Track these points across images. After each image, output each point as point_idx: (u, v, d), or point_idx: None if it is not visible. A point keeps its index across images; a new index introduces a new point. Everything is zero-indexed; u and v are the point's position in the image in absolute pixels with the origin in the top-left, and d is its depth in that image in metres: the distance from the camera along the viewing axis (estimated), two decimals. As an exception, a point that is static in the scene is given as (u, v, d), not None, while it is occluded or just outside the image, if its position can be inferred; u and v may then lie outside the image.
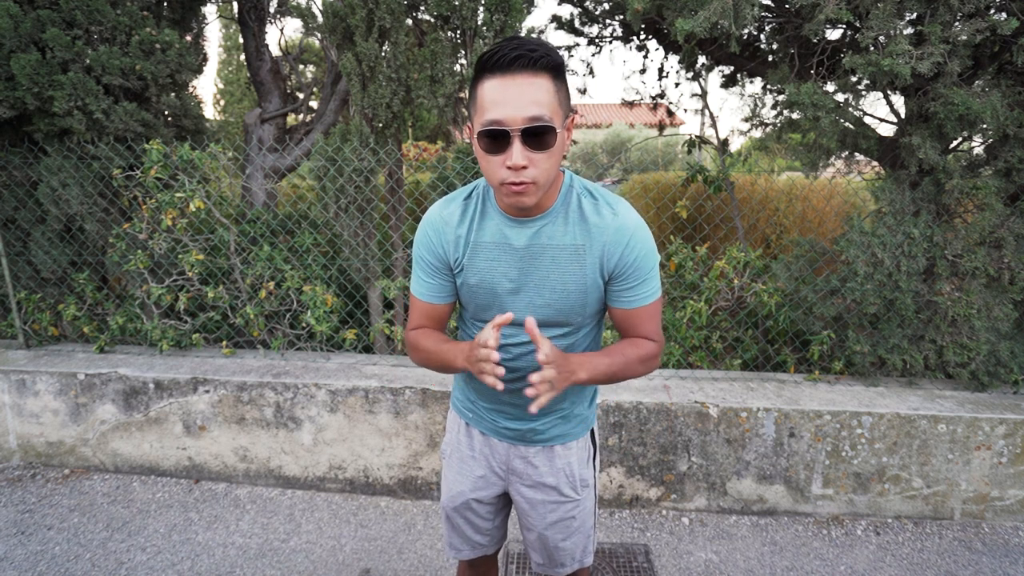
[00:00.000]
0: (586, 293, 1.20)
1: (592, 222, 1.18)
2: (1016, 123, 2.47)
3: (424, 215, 1.29)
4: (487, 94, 1.04)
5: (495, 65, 1.02)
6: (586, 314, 1.24)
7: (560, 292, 1.20)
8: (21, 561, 2.40)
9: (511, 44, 1.02)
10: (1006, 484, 2.58)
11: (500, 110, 1.02)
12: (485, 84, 1.05)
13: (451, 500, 1.47)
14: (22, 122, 3.20)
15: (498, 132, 1.03)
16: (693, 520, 2.66)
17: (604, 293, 1.23)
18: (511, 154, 1.04)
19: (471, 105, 1.11)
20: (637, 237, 1.18)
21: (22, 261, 3.42)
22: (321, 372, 2.92)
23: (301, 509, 2.76)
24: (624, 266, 1.18)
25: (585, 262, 1.18)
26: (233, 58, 16.15)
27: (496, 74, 1.03)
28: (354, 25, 2.98)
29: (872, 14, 2.41)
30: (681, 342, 3.08)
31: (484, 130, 1.04)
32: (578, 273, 1.19)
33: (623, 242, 1.17)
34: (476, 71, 1.07)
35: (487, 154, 1.07)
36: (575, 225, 1.18)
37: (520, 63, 1.01)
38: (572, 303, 1.20)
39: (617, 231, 1.17)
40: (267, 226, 3.57)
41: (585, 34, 4.16)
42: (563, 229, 1.18)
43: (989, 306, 2.65)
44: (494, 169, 1.08)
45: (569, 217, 1.19)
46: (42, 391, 2.99)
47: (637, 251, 1.18)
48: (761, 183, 4.88)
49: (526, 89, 1.02)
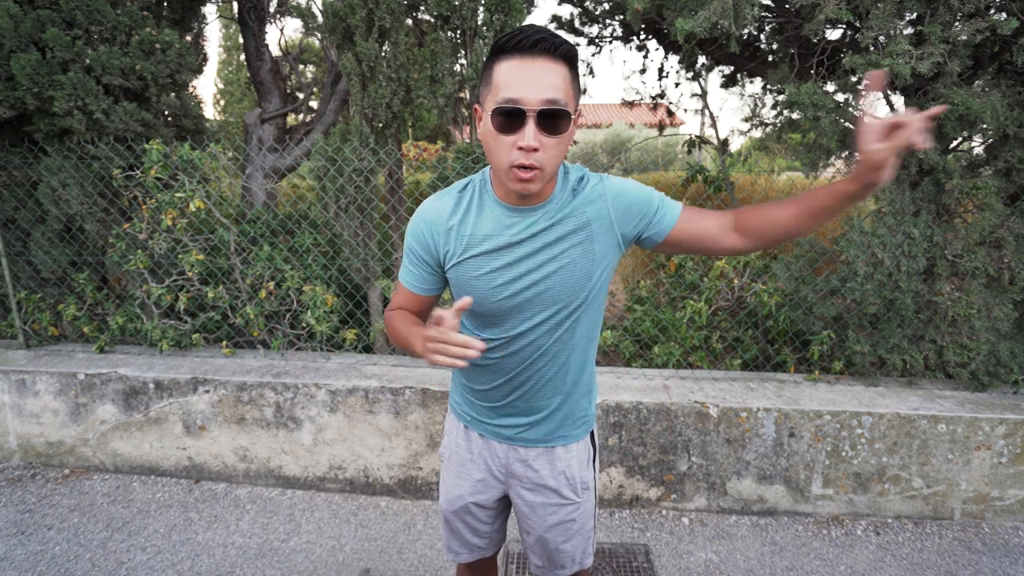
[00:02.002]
0: (592, 264, 1.20)
1: (588, 196, 1.20)
2: (1016, 123, 2.46)
3: (418, 207, 1.29)
4: (504, 74, 1.04)
5: (516, 46, 1.03)
6: (591, 286, 1.23)
7: (565, 274, 1.19)
8: (21, 561, 2.40)
9: (532, 28, 1.03)
10: (1006, 484, 2.58)
11: (518, 90, 1.02)
12: (503, 64, 1.05)
13: (450, 504, 1.46)
14: (22, 122, 3.20)
15: (514, 111, 1.03)
16: (693, 520, 2.66)
17: (638, 243, 1.25)
18: (524, 134, 1.03)
19: (483, 86, 1.11)
20: (626, 185, 1.22)
21: (22, 261, 3.41)
22: (321, 372, 2.92)
23: (301, 509, 2.76)
24: (633, 211, 1.20)
25: (593, 236, 1.19)
26: (233, 58, 16.15)
27: (516, 55, 1.03)
28: (354, 25, 2.98)
29: (872, 14, 2.41)
30: (681, 342, 3.08)
31: (500, 107, 1.03)
32: (586, 249, 1.19)
33: (614, 194, 1.20)
34: (493, 52, 1.07)
35: (499, 133, 1.06)
36: (573, 205, 1.19)
37: (542, 47, 1.02)
38: (577, 275, 1.20)
39: (611, 191, 1.20)
40: (267, 226, 3.57)
41: (585, 34, 4.16)
42: (563, 211, 1.19)
43: (989, 306, 2.65)
44: (504, 150, 1.06)
45: (565, 200, 1.20)
46: (42, 391, 2.99)
47: (632, 193, 1.21)
48: (761, 183, 4.88)
49: (545, 72, 1.02)
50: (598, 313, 1.31)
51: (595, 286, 1.23)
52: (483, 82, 1.11)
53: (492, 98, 1.06)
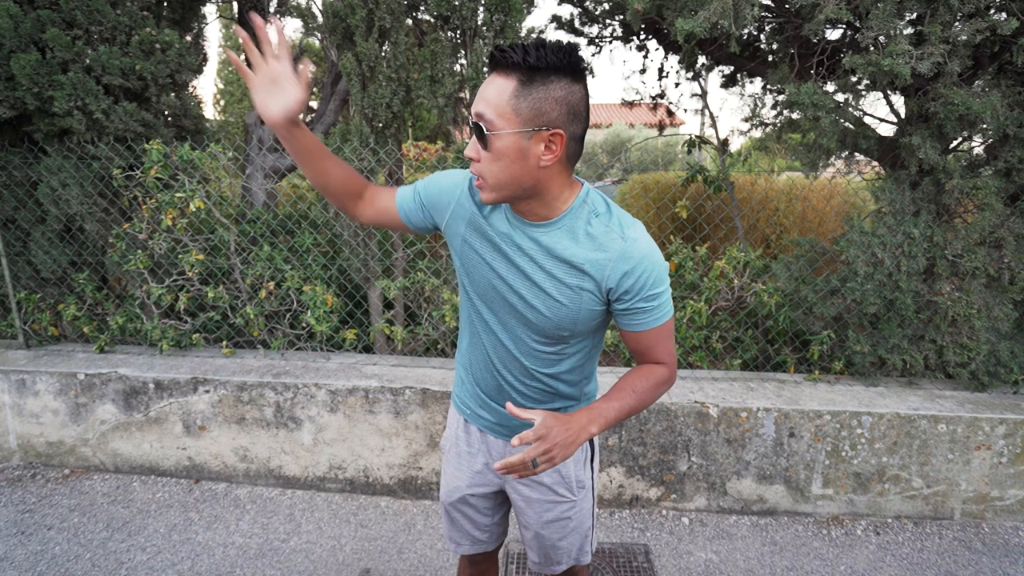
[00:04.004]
0: (579, 309, 1.17)
1: (598, 242, 1.13)
2: (1016, 123, 2.46)
3: (460, 171, 1.29)
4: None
5: (490, 60, 1.08)
6: (576, 329, 1.20)
7: (553, 302, 1.17)
8: (21, 561, 2.40)
9: (512, 45, 1.04)
10: (1006, 484, 2.58)
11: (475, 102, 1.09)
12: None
13: (449, 495, 1.49)
14: (22, 122, 3.20)
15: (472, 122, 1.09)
16: (693, 520, 2.66)
17: (606, 312, 1.20)
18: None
19: None
20: (642, 265, 1.12)
21: (22, 261, 3.41)
22: (321, 372, 2.92)
23: (301, 509, 2.76)
24: (625, 291, 1.13)
25: (583, 282, 1.14)
26: (233, 58, 16.11)
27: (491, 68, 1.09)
28: (354, 25, 2.98)
29: (872, 14, 2.41)
30: (681, 342, 3.08)
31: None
32: (574, 289, 1.15)
33: (625, 269, 1.12)
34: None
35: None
36: (579, 242, 1.14)
37: (494, 60, 1.04)
38: (562, 315, 1.17)
39: (621, 256, 1.11)
40: (267, 226, 3.57)
41: (585, 34, 4.16)
42: (565, 243, 1.14)
43: (989, 306, 2.65)
44: None
45: (575, 232, 1.14)
46: (42, 391, 2.99)
47: (640, 278, 1.12)
48: (761, 183, 4.87)
49: (488, 87, 1.05)
50: (599, 337, 1.29)
51: (580, 330, 1.21)
52: None
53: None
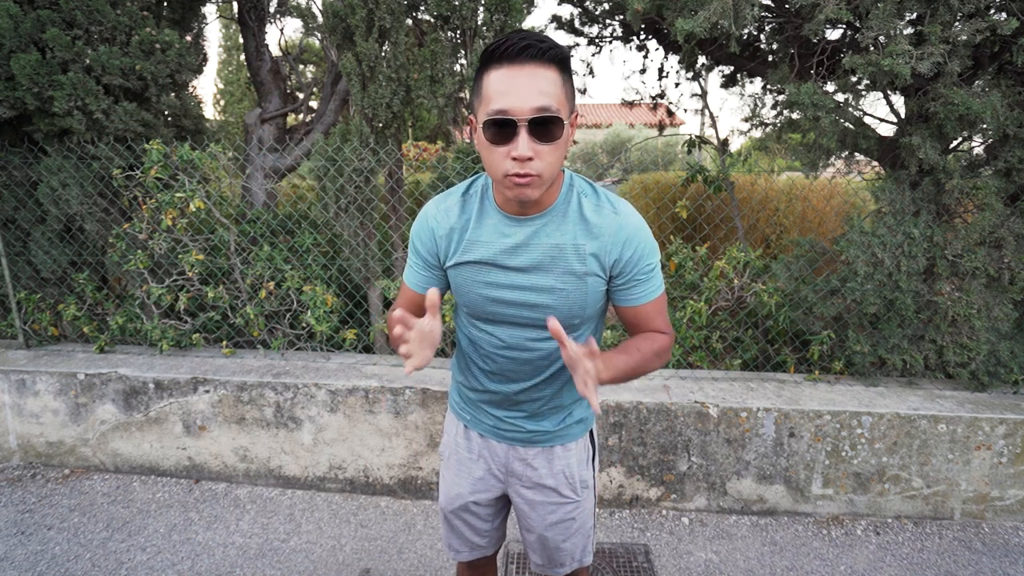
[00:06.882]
0: (586, 293, 1.19)
1: (592, 221, 1.17)
2: (1016, 123, 2.46)
3: (422, 208, 1.29)
4: (493, 84, 1.02)
5: (503, 55, 1.01)
6: (585, 315, 1.22)
7: (559, 292, 1.19)
8: (21, 561, 2.40)
9: (519, 35, 1.01)
10: (1006, 484, 2.58)
11: (507, 99, 1.00)
12: (492, 74, 1.03)
13: (449, 502, 1.47)
14: (22, 122, 3.20)
15: (504, 121, 1.01)
16: (693, 520, 2.66)
17: (607, 292, 1.23)
18: (517, 144, 1.02)
19: (475, 97, 1.09)
20: (637, 236, 1.17)
21: (22, 261, 3.41)
22: (321, 372, 2.92)
23: (301, 509, 2.76)
24: (625, 264, 1.18)
25: (586, 261, 1.17)
26: (233, 58, 16.13)
27: (504, 64, 1.01)
28: (354, 25, 2.98)
29: (872, 14, 2.41)
30: (681, 342, 3.08)
31: (490, 119, 1.02)
32: (579, 272, 1.17)
33: (622, 240, 1.16)
34: (482, 62, 1.06)
35: (492, 145, 1.04)
36: (575, 224, 1.17)
37: (529, 53, 1.00)
38: (572, 303, 1.19)
39: (617, 229, 1.16)
40: (267, 226, 3.57)
41: (585, 34, 4.16)
42: (563, 228, 1.17)
43: (989, 306, 2.65)
44: (498, 161, 1.05)
45: (569, 216, 1.17)
46: (42, 391, 2.99)
47: (638, 249, 1.17)
48: (761, 183, 4.87)
49: (534, 79, 1.00)
50: (600, 320, 1.32)
51: (589, 314, 1.23)
52: (474, 92, 1.09)
53: (483, 109, 1.04)
